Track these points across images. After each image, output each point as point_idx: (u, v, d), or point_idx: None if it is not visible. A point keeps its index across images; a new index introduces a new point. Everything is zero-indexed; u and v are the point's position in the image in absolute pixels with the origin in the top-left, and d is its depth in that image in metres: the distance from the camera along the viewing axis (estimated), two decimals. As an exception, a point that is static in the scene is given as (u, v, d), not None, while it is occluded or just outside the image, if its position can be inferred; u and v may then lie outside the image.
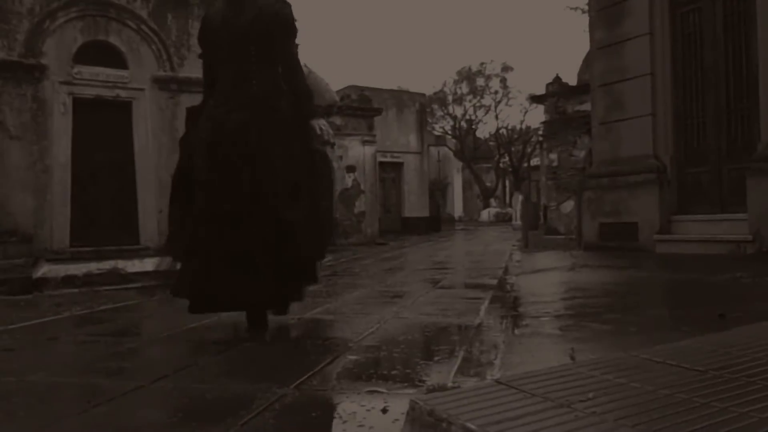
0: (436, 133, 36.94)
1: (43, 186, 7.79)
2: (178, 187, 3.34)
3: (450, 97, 39.53)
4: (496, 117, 41.58)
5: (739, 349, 1.99)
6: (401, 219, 21.75)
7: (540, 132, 20.38)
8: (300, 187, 3.17)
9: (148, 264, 6.79)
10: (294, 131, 3.21)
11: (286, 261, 3.09)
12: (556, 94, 17.09)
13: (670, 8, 7.34)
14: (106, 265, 6.53)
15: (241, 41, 3.14)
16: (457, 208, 39.08)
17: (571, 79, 17.74)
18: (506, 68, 38.79)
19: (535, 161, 31.77)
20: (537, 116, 38.51)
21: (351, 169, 15.80)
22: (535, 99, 20.01)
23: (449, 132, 39.77)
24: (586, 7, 9.61)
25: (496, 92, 38.99)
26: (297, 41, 3.37)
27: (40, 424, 1.85)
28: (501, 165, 41.41)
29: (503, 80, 38.76)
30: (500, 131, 39.93)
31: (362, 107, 16.62)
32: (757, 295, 3.76)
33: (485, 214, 37.67)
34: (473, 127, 40.48)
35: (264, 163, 3.06)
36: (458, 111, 39.80)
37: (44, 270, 6.35)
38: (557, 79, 17.51)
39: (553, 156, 16.94)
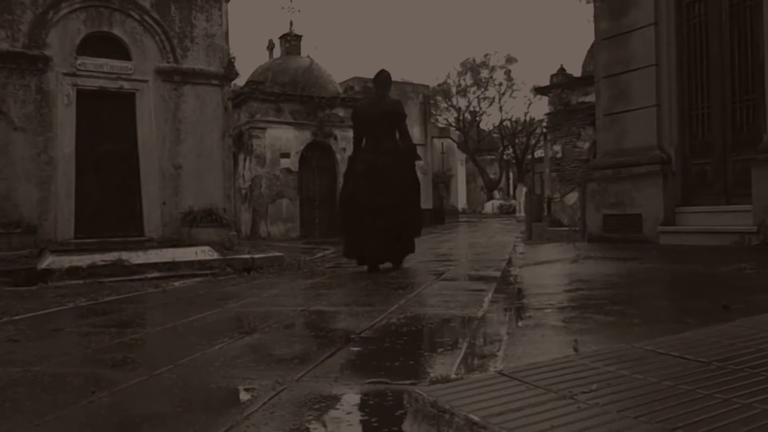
0: (439, 125, 36.88)
1: (48, 177, 7.80)
2: (348, 199, 6.19)
3: (454, 89, 39.43)
4: (500, 109, 41.51)
5: (743, 341, 1.99)
6: (405, 211, 21.69)
7: (544, 123, 20.30)
8: (412, 195, 6.27)
9: (153, 255, 6.81)
10: (408, 166, 6.26)
11: (405, 235, 6.15)
12: (560, 85, 17.03)
13: (676, -2, 7.28)
14: (110, 256, 6.54)
15: (377, 122, 6.20)
16: (461, 200, 39.08)
17: (576, 71, 17.68)
18: (510, 60, 38.64)
19: (539, 153, 31.73)
20: (541, 108, 38.22)
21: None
22: (539, 90, 19.94)
23: (453, 124, 39.67)
24: (591, -2, 9.52)
25: (500, 84, 38.85)
26: (406, 120, 6.51)
27: (44, 413, 1.86)
28: (505, 157, 41.30)
29: (507, 72, 38.61)
30: (504, 123, 39.81)
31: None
32: (761, 287, 3.74)
33: (489, 206, 37.65)
34: (477, 118, 40.37)
35: (397, 182, 6.00)
36: (462, 103, 39.73)
37: (49, 261, 6.37)
38: (561, 70, 17.43)
39: (557, 147, 16.90)
